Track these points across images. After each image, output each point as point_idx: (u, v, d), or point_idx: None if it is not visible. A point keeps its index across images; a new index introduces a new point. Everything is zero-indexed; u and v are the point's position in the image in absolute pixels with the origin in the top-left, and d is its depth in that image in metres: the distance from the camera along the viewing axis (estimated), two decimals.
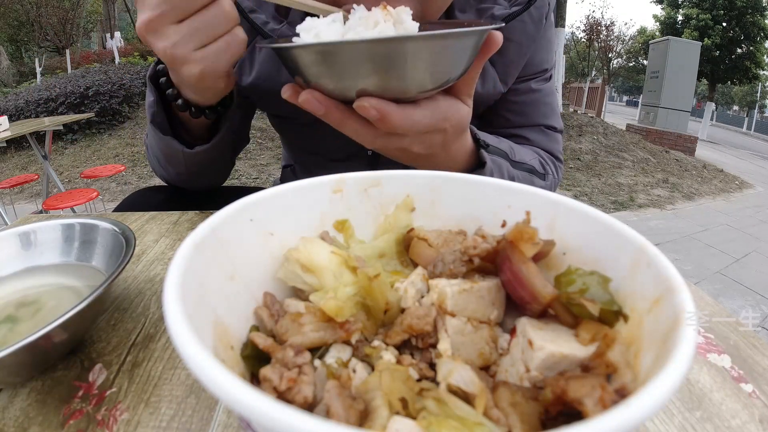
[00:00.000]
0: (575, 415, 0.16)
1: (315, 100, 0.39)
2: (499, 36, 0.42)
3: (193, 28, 0.39)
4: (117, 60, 8.47)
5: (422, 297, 0.22)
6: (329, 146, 0.70)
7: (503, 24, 0.42)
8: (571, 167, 5.11)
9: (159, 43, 0.40)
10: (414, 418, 0.16)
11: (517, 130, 0.70)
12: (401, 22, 0.41)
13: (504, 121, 0.70)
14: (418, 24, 0.42)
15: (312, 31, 0.41)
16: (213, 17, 0.39)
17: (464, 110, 0.45)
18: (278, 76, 0.62)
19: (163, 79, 0.52)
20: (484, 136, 0.55)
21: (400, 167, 0.47)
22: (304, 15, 0.57)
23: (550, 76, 0.71)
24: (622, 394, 0.16)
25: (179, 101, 0.51)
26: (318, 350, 0.21)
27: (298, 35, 0.47)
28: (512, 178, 0.59)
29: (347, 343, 0.21)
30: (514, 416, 0.17)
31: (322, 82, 0.39)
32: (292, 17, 0.59)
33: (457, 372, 0.18)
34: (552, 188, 0.70)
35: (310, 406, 0.18)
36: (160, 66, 0.52)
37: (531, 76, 0.68)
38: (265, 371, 0.18)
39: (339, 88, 0.38)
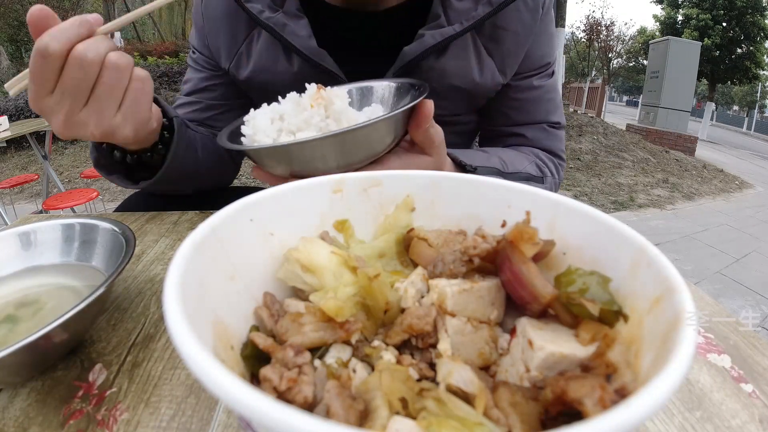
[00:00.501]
0: (575, 415, 0.16)
1: (262, 177, 0.47)
2: (428, 107, 0.46)
3: (101, 102, 0.40)
4: None
5: (422, 297, 0.22)
6: None
7: (420, 100, 0.46)
8: (571, 167, 5.11)
9: (84, 131, 0.41)
10: (414, 418, 0.16)
11: (518, 128, 0.69)
12: (332, 104, 0.46)
13: (505, 119, 0.70)
14: (347, 104, 0.47)
15: (250, 123, 0.47)
16: (110, 80, 0.40)
17: (423, 161, 0.48)
18: (274, 67, 0.62)
19: None
20: (470, 158, 0.55)
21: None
22: (300, 4, 0.59)
23: (552, 72, 0.70)
24: (622, 394, 0.16)
25: (116, 153, 0.53)
26: (318, 350, 0.21)
27: (289, 24, 0.56)
28: None
29: (347, 343, 0.21)
30: (514, 416, 0.17)
31: (267, 168, 0.46)
32: (287, 6, 0.59)
33: (456, 372, 0.18)
34: (552, 189, 0.69)
35: (310, 406, 0.18)
36: None
37: (533, 72, 0.67)
38: (265, 371, 0.18)
39: (282, 172, 0.45)
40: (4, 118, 2.79)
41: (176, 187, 0.64)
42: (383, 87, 0.57)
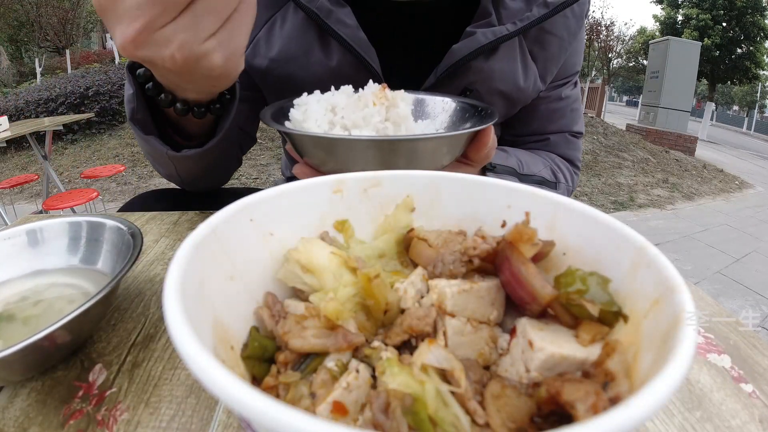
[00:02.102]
0: (567, 417, 0.16)
1: (305, 173, 0.43)
2: (491, 133, 0.44)
3: (199, 17, 0.32)
4: (117, 60, 8.47)
5: (422, 297, 0.22)
6: None
7: (493, 122, 0.44)
8: None
9: (161, 52, 0.33)
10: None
11: (540, 135, 0.69)
12: (395, 107, 0.43)
13: (528, 128, 0.69)
14: (410, 111, 0.44)
15: (302, 107, 0.44)
16: None
17: (466, 169, 0.46)
18: (305, 58, 0.54)
19: (141, 70, 0.44)
20: None
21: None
22: None
23: (576, 82, 0.70)
24: (615, 403, 0.16)
25: (161, 96, 0.44)
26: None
27: (335, 11, 0.51)
28: None
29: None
30: (493, 409, 0.17)
31: (310, 158, 0.43)
32: None
33: (431, 352, 0.19)
34: (564, 195, 0.69)
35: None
36: None
37: (563, 81, 0.66)
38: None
39: (326, 166, 0.43)
40: (4, 118, 2.79)
41: (206, 172, 0.56)
42: (444, 103, 0.53)
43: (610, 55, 20.98)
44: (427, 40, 0.56)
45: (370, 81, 0.45)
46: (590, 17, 19.07)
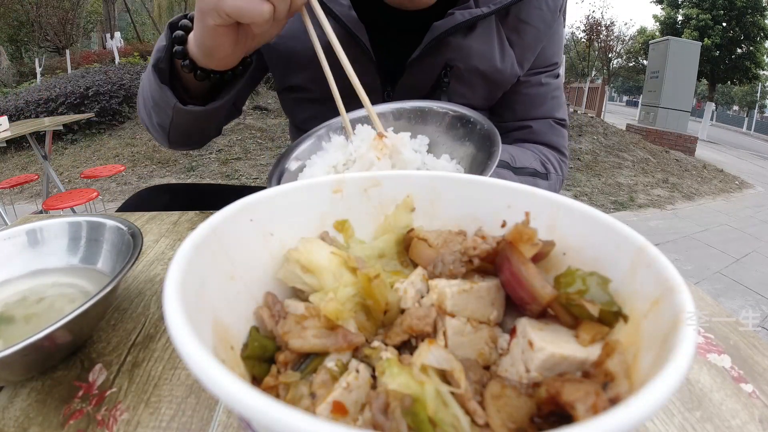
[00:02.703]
0: (567, 417, 0.16)
1: None
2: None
3: None
4: (117, 60, 8.46)
5: (422, 297, 0.22)
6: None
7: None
8: (571, 167, 5.11)
9: None
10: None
11: (524, 122, 0.72)
12: (399, 153, 0.43)
13: (512, 113, 0.72)
14: (412, 151, 0.44)
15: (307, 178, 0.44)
16: None
17: None
18: (304, 35, 0.60)
19: (178, 32, 0.52)
20: None
21: None
22: None
23: (558, 74, 0.74)
24: (615, 403, 0.16)
25: (186, 61, 0.51)
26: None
27: None
28: None
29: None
30: (493, 409, 0.17)
31: None
32: None
33: (430, 353, 0.19)
34: (556, 186, 0.71)
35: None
36: (184, 21, 0.53)
37: (542, 69, 0.71)
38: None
39: None
40: (4, 118, 2.79)
41: (193, 130, 0.63)
42: (437, 116, 0.55)
43: (610, 55, 20.97)
44: (414, 23, 0.62)
45: (360, 126, 0.47)
46: (590, 17, 19.08)
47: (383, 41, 0.63)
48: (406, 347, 0.21)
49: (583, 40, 20.26)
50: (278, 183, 0.46)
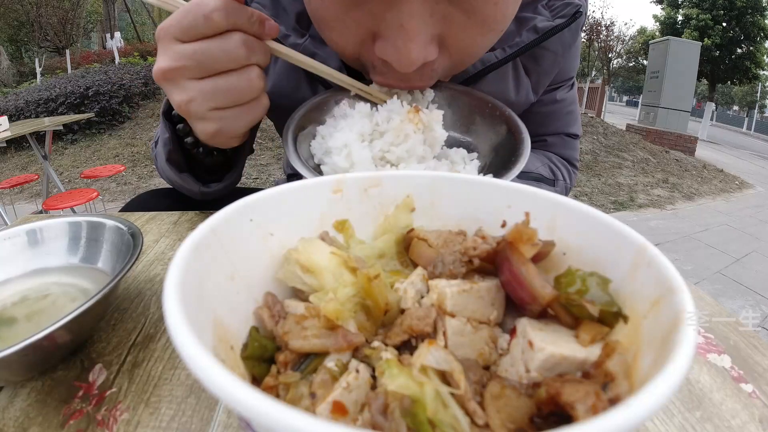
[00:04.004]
0: (567, 417, 0.16)
1: None
2: None
3: (214, 89, 0.37)
4: (117, 60, 8.47)
5: (422, 297, 0.22)
6: None
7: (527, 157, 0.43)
8: None
9: (175, 95, 0.38)
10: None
11: (536, 137, 0.69)
12: (431, 130, 0.42)
13: None
14: (445, 133, 0.43)
15: (343, 152, 0.42)
16: (237, 83, 0.37)
17: None
18: (295, 94, 0.58)
19: (180, 126, 0.49)
20: None
21: None
22: None
23: (573, 84, 0.70)
24: (615, 404, 0.16)
25: (189, 139, 0.48)
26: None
27: (319, 53, 0.51)
28: None
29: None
30: (493, 409, 0.17)
31: None
32: (313, 30, 0.54)
33: (430, 354, 0.19)
34: (562, 194, 0.69)
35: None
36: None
37: (557, 85, 0.66)
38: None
39: None
40: (4, 118, 2.79)
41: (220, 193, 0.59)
42: (458, 100, 0.52)
43: (610, 55, 20.98)
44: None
45: (394, 98, 0.44)
46: (590, 17, 19.07)
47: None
48: (406, 347, 0.21)
49: (583, 40, 20.25)
50: (294, 142, 0.43)
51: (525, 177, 0.60)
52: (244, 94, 0.38)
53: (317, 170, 0.44)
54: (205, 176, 0.53)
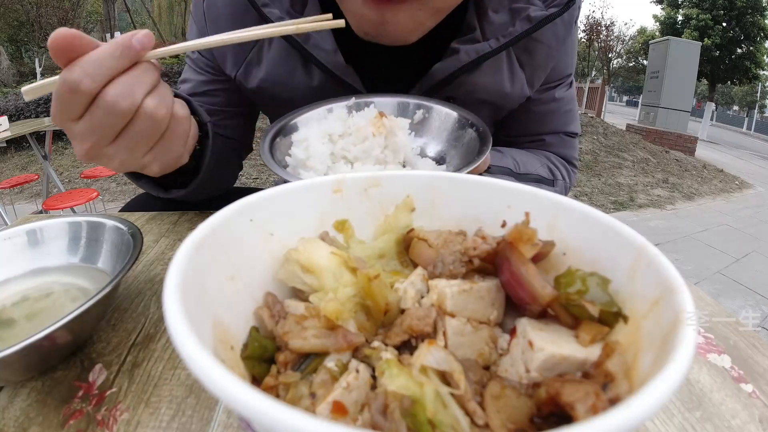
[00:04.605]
0: (567, 417, 0.16)
1: None
2: (487, 161, 0.46)
3: (131, 143, 0.37)
4: None
5: (422, 297, 0.22)
6: None
7: (487, 152, 0.44)
8: None
9: (109, 164, 0.38)
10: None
11: (535, 136, 0.69)
12: (394, 135, 0.44)
13: (523, 129, 0.69)
14: (407, 137, 0.45)
15: (302, 145, 0.44)
16: (143, 127, 0.36)
17: None
18: (290, 80, 0.57)
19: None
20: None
21: None
22: (320, 10, 0.54)
23: (571, 82, 0.69)
24: (614, 404, 0.16)
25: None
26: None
27: (312, 35, 0.52)
28: None
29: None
30: (493, 409, 0.17)
31: None
32: (308, 12, 0.54)
33: (430, 354, 0.18)
34: (562, 194, 0.68)
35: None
36: None
37: (555, 83, 0.66)
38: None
39: None
40: (4, 118, 2.79)
41: (200, 194, 0.57)
42: (442, 115, 0.53)
43: (610, 55, 20.97)
44: (411, 54, 0.56)
45: (371, 106, 0.46)
46: (590, 17, 19.08)
47: (376, 73, 0.58)
48: (406, 347, 0.21)
49: (583, 40, 20.25)
50: (271, 140, 0.45)
51: (524, 179, 0.60)
52: (155, 130, 0.37)
53: (286, 165, 0.46)
54: (168, 181, 0.51)
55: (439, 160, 0.51)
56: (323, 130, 0.45)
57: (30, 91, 0.34)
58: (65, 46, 0.32)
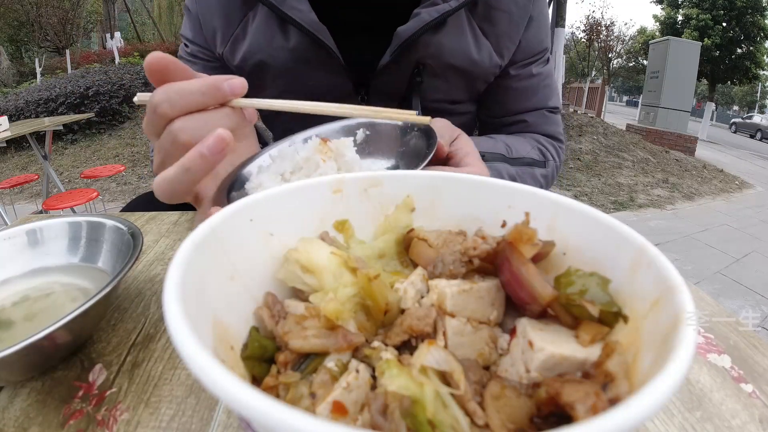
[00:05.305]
0: (566, 417, 0.16)
1: None
2: (442, 149, 0.45)
3: (181, 170, 0.34)
4: (117, 60, 8.47)
5: (422, 297, 0.22)
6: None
7: (432, 153, 0.43)
8: (571, 167, 5.11)
9: (162, 183, 0.36)
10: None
11: (518, 116, 0.71)
12: (342, 155, 0.44)
13: (505, 109, 0.71)
14: (355, 153, 0.45)
15: (258, 191, 0.43)
16: (192, 165, 0.34)
17: (464, 171, 0.45)
18: (270, 45, 0.60)
19: None
20: (477, 145, 0.54)
21: None
22: None
23: (548, 59, 0.72)
24: (614, 404, 0.16)
25: None
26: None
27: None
28: (512, 177, 0.60)
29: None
30: (493, 409, 0.17)
31: None
32: None
33: (430, 354, 0.18)
34: (554, 173, 0.70)
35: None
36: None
37: (532, 59, 0.68)
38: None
39: None
40: (4, 118, 2.79)
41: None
42: (386, 128, 0.53)
43: (610, 55, 20.98)
44: (382, 23, 0.60)
45: (313, 137, 0.46)
46: (590, 17, 19.09)
47: (351, 44, 0.61)
48: (406, 347, 0.21)
49: (583, 40, 20.26)
50: (227, 198, 0.43)
51: (518, 163, 0.62)
52: (202, 167, 0.35)
53: None
54: None
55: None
56: (274, 172, 0.45)
57: (140, 98, 0.38)
58: (159, 68, 0.34)
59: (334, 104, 0.40)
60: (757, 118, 18.97)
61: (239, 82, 0.36)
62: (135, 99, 0.39)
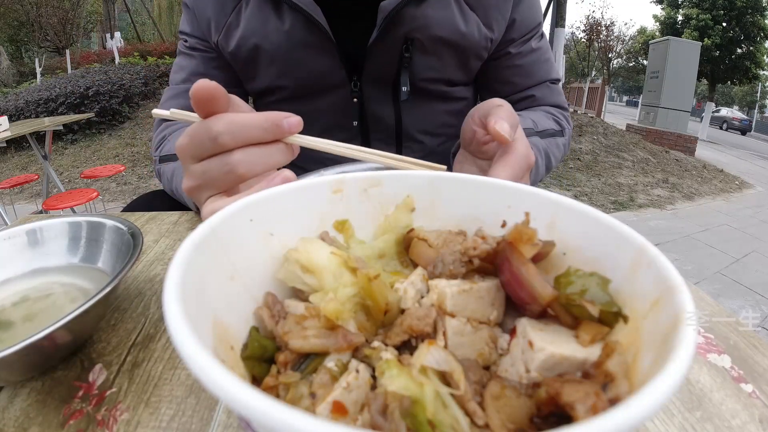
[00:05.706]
0: (566, 417, 0.16)
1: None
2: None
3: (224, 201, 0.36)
4: (117, 60, 8.46)
5: (422, 297, 0.22)
6: (312, 122, 0.70)
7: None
8: (571, 167, 5.11)
9: (199, 204, 0.38)
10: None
11: (525, 91, 0.72)
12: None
13: (513, 87, 0.72)
14: None
15: None
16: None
17: (521, 151, 0.42)
18: (264, 28, 0.61)
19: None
20: None
21: (385, 140, 0.44)
22: None
23: (542, 34, 0.73)
24: (614, 404, 0.16)
25: None
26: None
27: None
28: (545, 149, 0.61)
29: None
30: (493, 410, 0.17)
31: None
32: None
33: (430, 354, 0.18)
34: (569, 140, 0.72)
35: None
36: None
37: (529, 34, 0.70)
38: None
39: None
40: (4, 118, 2.79)
41: None
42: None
43: (610, 55, 20.97)
44: (369, 3, 0.60)
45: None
46: (590, 17, 19.09)
47: (342, 26, 0.61)
48: (406, 347, 0.21)
49: (583, 40, 20.26)
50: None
51: (545, 135, 0.63)
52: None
53: None
54: None
55: None
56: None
57: (173, 114, 0.38)
58: (208, 96, 0.34)
59: (358, 147, 0.39)
60: (723, 111, 23.07)
61: (296, 121, 0.36)
62: (153, 112, 0.40)
